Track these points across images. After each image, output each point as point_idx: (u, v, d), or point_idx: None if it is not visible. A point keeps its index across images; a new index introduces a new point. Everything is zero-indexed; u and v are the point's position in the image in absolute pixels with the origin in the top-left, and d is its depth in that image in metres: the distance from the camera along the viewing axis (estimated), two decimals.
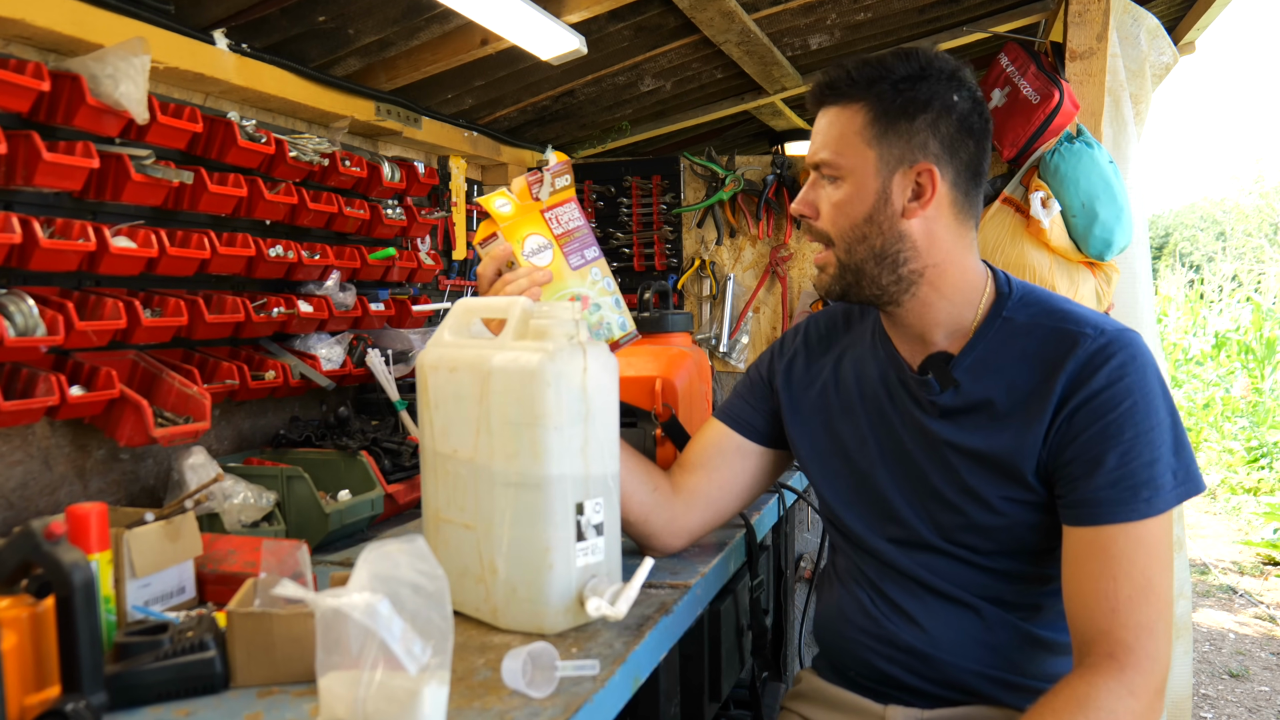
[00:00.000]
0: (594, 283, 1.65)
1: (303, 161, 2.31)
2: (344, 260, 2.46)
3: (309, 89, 2.41)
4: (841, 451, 1.64)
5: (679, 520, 1.73)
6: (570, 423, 1.37)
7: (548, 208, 1.65)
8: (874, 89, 1.47)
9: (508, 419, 1.37)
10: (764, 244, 3.79)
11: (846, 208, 1.49)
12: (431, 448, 1.49)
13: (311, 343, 2.37)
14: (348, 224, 2.51)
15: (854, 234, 1.50)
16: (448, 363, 1.46)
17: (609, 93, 3.43)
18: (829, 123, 1.51)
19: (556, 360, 1.36)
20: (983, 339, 1.51)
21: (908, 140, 1.47)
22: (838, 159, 1.49)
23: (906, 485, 1.55)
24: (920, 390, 1.55)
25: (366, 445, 2.18)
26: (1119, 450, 1.36)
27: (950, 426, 1.51)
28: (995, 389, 1.47)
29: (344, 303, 2.43)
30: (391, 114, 2.71)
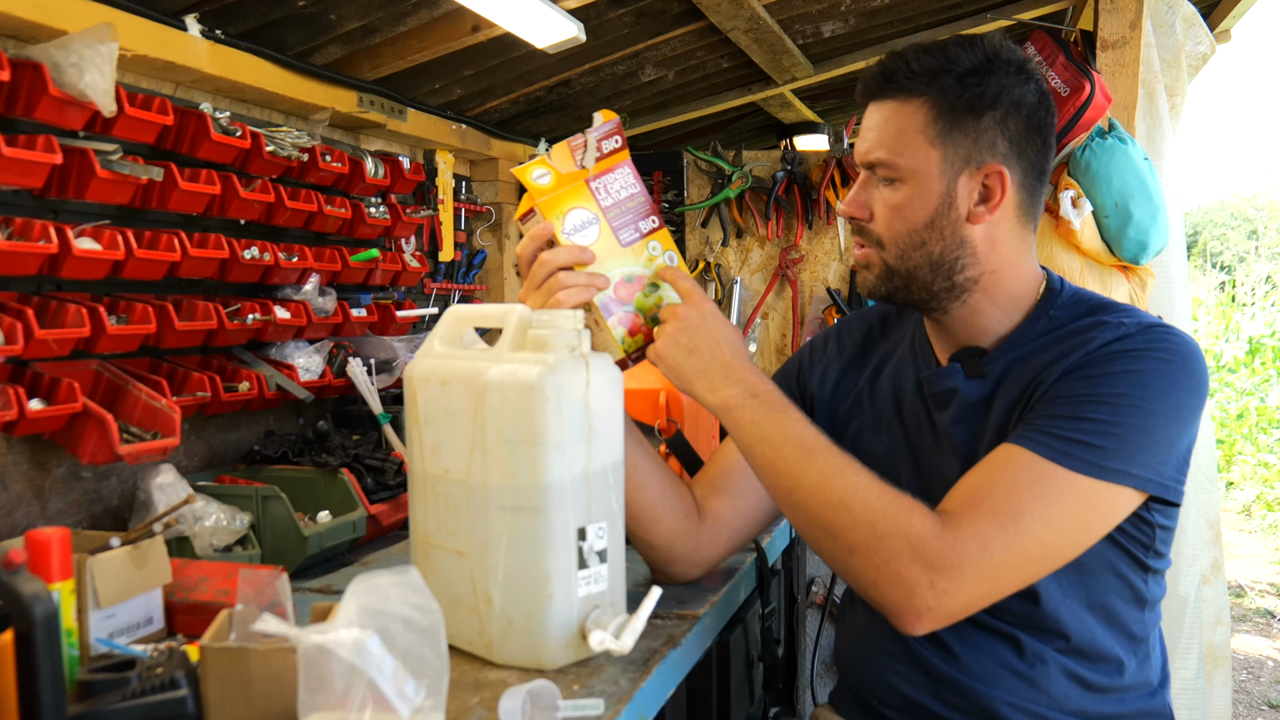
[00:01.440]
0: (651, 259, 1.58)
1: (280, 156, 2.30)
2: (323, 263, 2.45)
3: (287, 78, 2.40)
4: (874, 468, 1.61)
5: (703, 550, 1.72)
6: (572, 441, 1.36)
7: (594, 175, 1.57)
8: (937, 82, 1.45)
9: (504, 437, 1.35)
10: (773, 245, 3.79)
11: (905, 212, 1.48)
12: (421, 467, 1.47)
13: (288, 351, 2.36)
14: (328, 223, 2.51)
15: (911, 240, 1.49)
16: (439, 375, 1.44)
17: (607, 83, 3.43)
18: (885, 118, 1.49)
19: (557, 373, 1.35)
20: (1023, 337, 1.50)
21: (974, 139, 1.46)
22: (896, 159, 1.47)
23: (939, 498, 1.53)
24: (935, 381, 1.54)
25: (348, 462, 2.17)
26: (1085, 399, 1.36)
27: (962, 425, 1.51)
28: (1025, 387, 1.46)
29: (323, 308, 2.42)
30: (375, 105, 2.71)
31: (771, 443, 1.44)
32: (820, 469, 1.40)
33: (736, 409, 1.48)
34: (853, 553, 1.36)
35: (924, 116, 1.46)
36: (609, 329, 1.54)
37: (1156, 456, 1.36)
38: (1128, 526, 1.43)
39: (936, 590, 1.31)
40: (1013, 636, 1.48)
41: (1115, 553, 1.45)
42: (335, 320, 2.47)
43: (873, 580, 1.35)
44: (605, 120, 1.59)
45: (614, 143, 1.59)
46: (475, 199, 3.54)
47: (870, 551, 1.34)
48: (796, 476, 1.41)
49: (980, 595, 1.33)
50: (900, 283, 1.51)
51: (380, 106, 2.73)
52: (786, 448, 1.43)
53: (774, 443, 1.44)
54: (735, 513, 1.73)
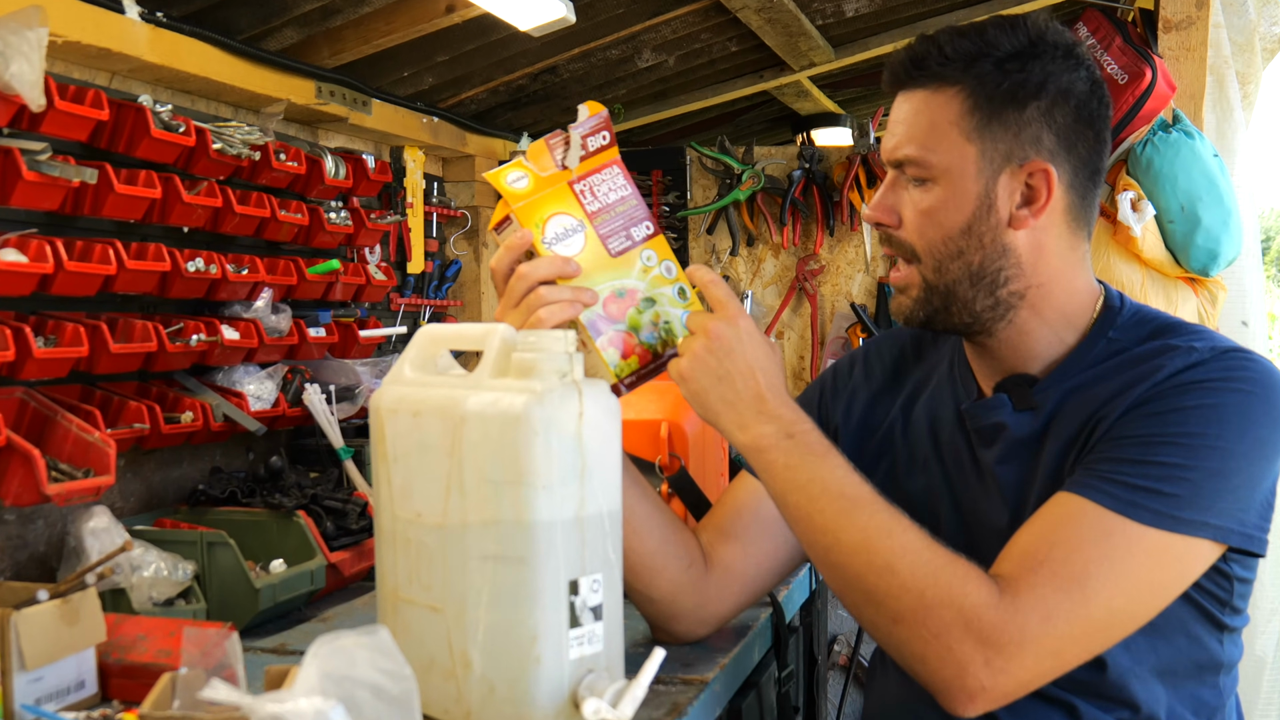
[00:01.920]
0: (646, 269, 1.57)
1: (229, 155, 2.31)
2: (277, 275, 2.46)
3: (236, 66, 2.42)
4: (908, 511, 1.61)
5: (710, 605, 1.71)
6: (563, 481, 1.36)
7: (579, 176, 1.56)
8: (974, 69, 1.46)
9: (485, 476, 1.36)
10: (789, 254, 3.80)
11: (939, 216, 1.48)
12: (389, 511, 1.47)
13: (237, 377, 2.37)
14: (282, 231, 2.52)
15: (947, 248, 1.49)
16: (410, 405, 1.44)
17: (599, 69, 3.45)
18: (915, 110, 1.49)
19: (546, 403, 1.35)
20: (1079, 362, 1.51)
21: (1016, 133, 1.46)
22: (928, 155, 1.47)
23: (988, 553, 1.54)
24: (979, 415, 1.55)
25: (305, 504, 2.17)
26: (1153, 440, 1.36)
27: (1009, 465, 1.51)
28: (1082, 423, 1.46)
29: (277, 327, 2.43)
30: (336, 96, 2.73)
31: (808, 492, 1.43)
32: (864, 526, 1.39)
33: (769, 450, 1.46)
34: (897, 622, 1.36)
35: (959, 107, 1.46)
36: (598, 350, 1.54)
37: (1237, 503, 1.36)
38: (1204, 582, 1.42)
39: (993, 669, 1.31)
40: (1070, 705, 1.47)
41: (1189, 611, 1.45)
42: (290, 341, 2.47)
43: (920, 654, 1.35)
44: (591, 114, 1.58)
45: (601, 139, 1.58)
46: (449, 202, 3.55)
47: (918, 622, 1.34)
48: (836, 533, 1.41)
49: (1042, 672, 1.34)
50: (940, 303, 1.51)
51: (342, 98, 2.75)
52: (825, 499, 1.42)
53: (811, 492, 1.43)
54: (748, 562, 1.72)
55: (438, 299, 3.44)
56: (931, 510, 1.59)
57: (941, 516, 1.59)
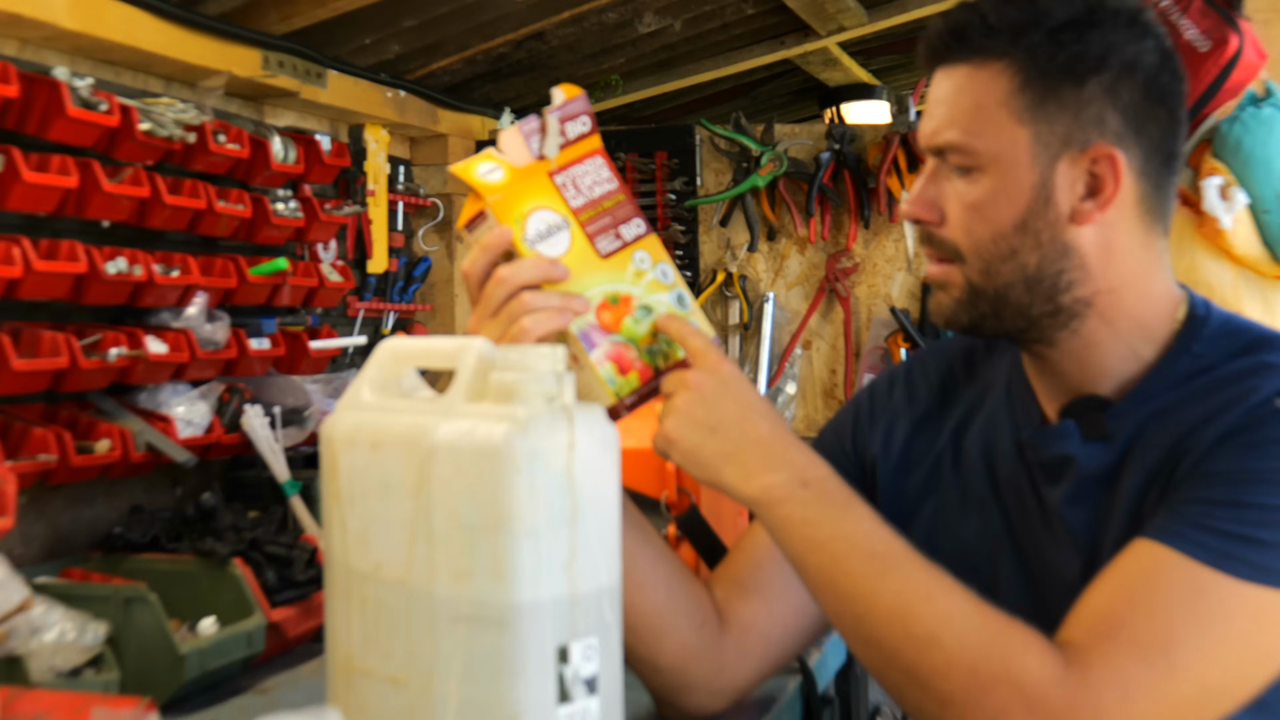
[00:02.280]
0: (639, 273, 1.57)
1: (158, 137, 2.34)
2: (213, 277, 2.50)
3: (168, 33, 2.44)
4: (960, 561, 1.58)
5: (727, 672, 1.69)
6: (550, 526, 1.33)
7: (559, 167, 1.57)
8: (1023, 39, 1.45)
9: (458, 521, 1.33)
10: (817, 250, 3.82)
11: (987, 210, 1.47)
12: (342, 562, 1.45)
13: (164, 398, 2.39)
14: (220, 225, 2.54)
15: (997, 248, 1.48)
16: (368, 435, 1.42)
17: (593, 35, 3.47)
18: (956, 88, 1.49)
19: (530, 433, 1.32)
20: (1159, 382, 1.49)
21: (1075, 113, 1.45)
22: (973, 140, 1.46)
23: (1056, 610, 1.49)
24: (1042, 445, 1.54)
25: (241, 549, 2.16)
26: (1251, 477, 1.35)
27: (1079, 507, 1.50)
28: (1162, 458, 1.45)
29: (212, 339, 2.45)
30: (285, 67, 2.75)
31: (831, 551, 1.41)
32: (900, 589, 1.37)
33: (782, 503, 1.44)
34: (946, 705, 1.34)
35: (1007, 84, 1.46)
36: (592, 366, 1.53)
37: None
38: None
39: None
40: None
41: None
42: (228, 355, 2.49)
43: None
44: (568, 96, 1.59)
45: (581, 125, 1.59)
46: (417, 189, 3.58)
47: (971, 704, 1.32)
48: (867, 599, 1.38)
49: None
50: (988, 307, 1.50)
51: (292, 69, 2.77)
52: (853, 558, 1.40)
53: (835, 551, 1.41)
54: (771, 621, 1.71)
55: (404, 303, 3.47)
56: (988, 559, 1.60)
57: (1000, 567, 1.59)
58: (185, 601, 2.04)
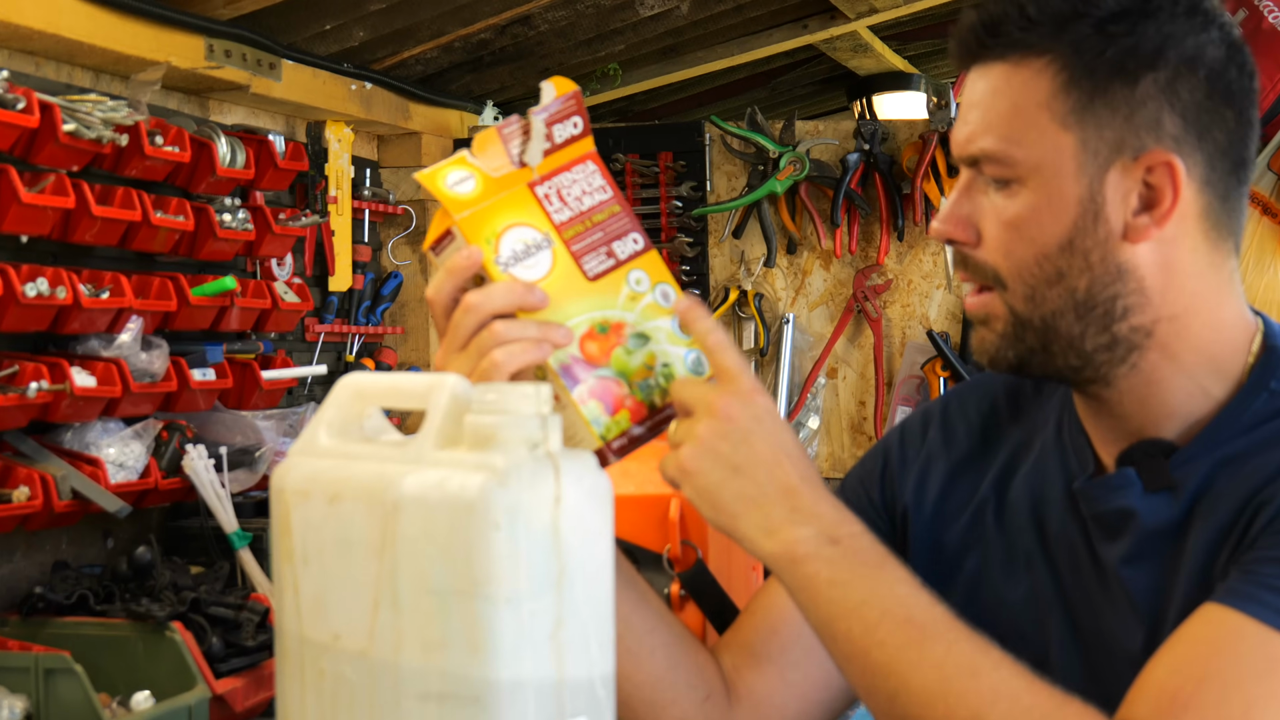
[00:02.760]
0: (634, 296, 1.55)
1: (85, 139, 2.33)
2: (150, 299, 2.49)
3: (97, 19, 2.43)
4: (1006, 628, 1.59)
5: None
6: (533, 591, 1.35)
7: (542, 176, 1.55)
8: (1068, 33, 1.44)
9: (427, 584, 1.35)
10: (843, 265, 3.83)
11: (1029, 228, 1.46)
12: (295, 631, 1.45)
13: (93, 438, 2.39)
14: (157, 239, 2.55)
15: (1042, 271, 1.47)
16: (325, 486, 1.44)
17: (588, 19, 3.48)
18: (991, 89, 1.48)
19: (510, 485, 1.33)
20: (1231, 424, 1.49)
21: (1128, 115, 1.45)
22: (1011, 149, 1.45)
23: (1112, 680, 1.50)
24: (1098, 497, 1.54)
25: (182, 611, 2.16)
26: None
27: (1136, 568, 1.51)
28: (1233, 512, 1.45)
29: (148, 369, 2.44)
30: (232, 57, 2.75)
31: (863, 618, 1.40)
32: (941, 662, 1.37)
33: (807, 561, 1.43)
34: None
35: (1049, 84, 1.45)
36: (575, 404, 1.52)
37: None
38: None
39: None
40: None
41: None
42: (166, 388, 2.50)
43: None
44: (559, 93, 1.56)
45: (572, 127, 1.58)
46: (386, 195, 3.59)
47: None
48: (903, 673, 1.38)
49: None
50: (1035, 341, 1.50)
51: (241, 59, 2.78)
52: (887, 626, 1.39)
53: (867, 619, 1.40)
54: (788, 694, 1.72)
55: (371, 325, 3.47)
56: (1037, 625, 1.60)
57: (1051, 634, 1.59)
58: (116, 672, 2.04)
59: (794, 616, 1.68)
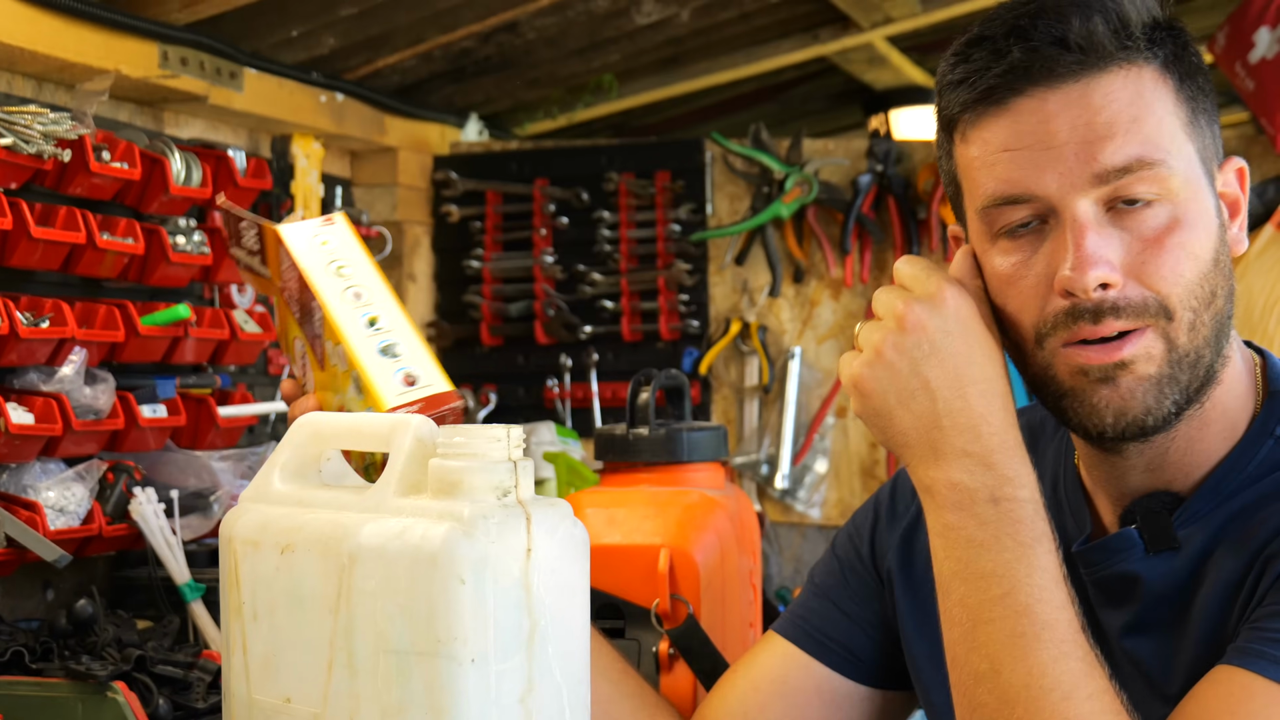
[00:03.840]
0: (341, 374, 1.64)
1: (24, 154, 2.33)
2: (95, 329, 2.49)
3: (38, 22, 2.45)
4: None
5: None
6: (502, 652, 1.36)
7: (284, 284, 1.69)
8: (1163, 41, 1.45)
9: (386, 644, 1.37)
10: (854, 295, 3.84)
11: (1192, 245, 1.44)
12: (243, 694, 1.48)
13: (31, 479, 2.39)
14: (104, 263, 2.55)
15: (1203, 291, 1.45)
16: (277, 536, 1.46)
17: (580, 26, 3.50)
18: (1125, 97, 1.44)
19: (477, 535, 1.35)
20: (1235, 473, 1.50)
21: (1210, 122, 1.49)
22: (1167, 157, 1.43)
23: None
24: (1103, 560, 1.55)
25: (126, 670, 2.15)
26: None
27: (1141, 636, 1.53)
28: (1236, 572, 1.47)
29: (93, 405, 2.46)
30: (189, 65, 2.77)
31: (985, 589, 1.41)
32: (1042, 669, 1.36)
33: (954, 509, 1.44)
34: None
35: (1170, 92, 1.45)
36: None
37: None
38: None
39: None
40: None
41: None
42: (113, 425, 2.50)
43: None
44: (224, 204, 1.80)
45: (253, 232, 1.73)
46: (360, 215, 3.58)
47: None
48: (999, 662, 1.39)
49: None
50: (1185, 379, 1.45)
51: (199, 67, 2.79)
52: (1003, 607, 1.39)
53: (989, 591, 1.41)
54: None
55: None
56: None
57: None
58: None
59: (783, 679, 1.75)
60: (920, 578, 1.72)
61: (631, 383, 2.49)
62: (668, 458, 2.33)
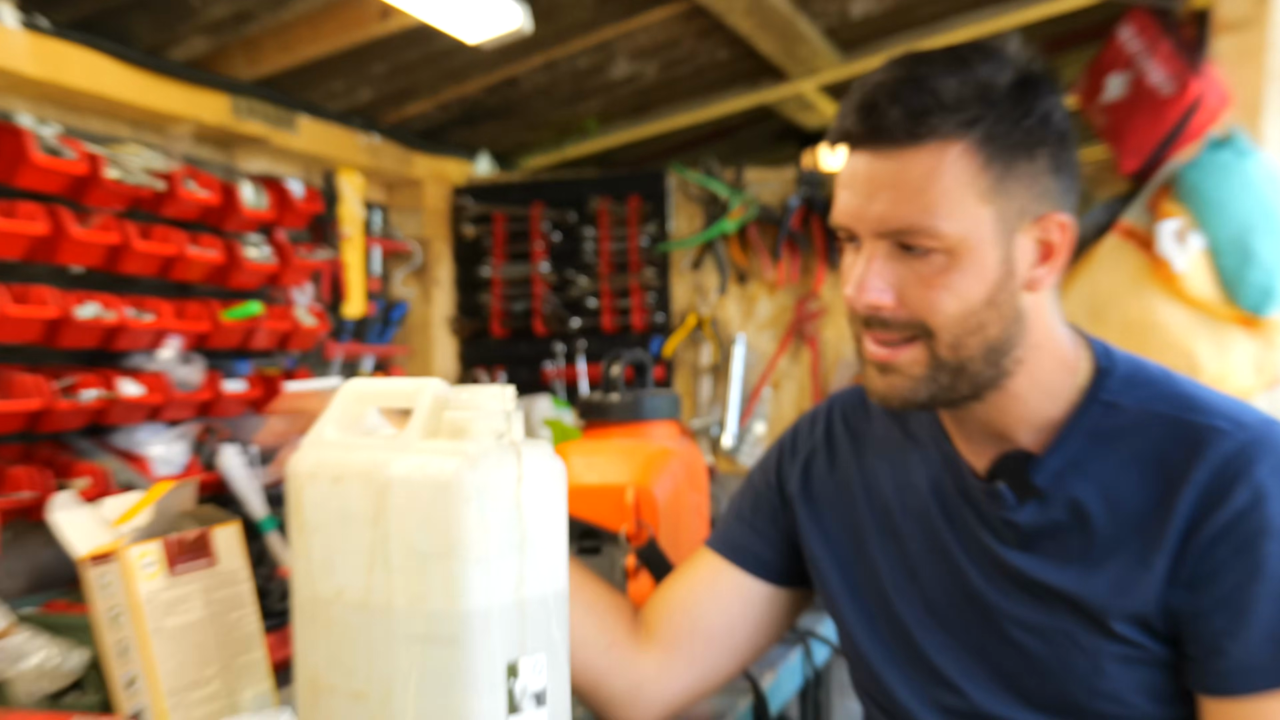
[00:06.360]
0: None
1: (127, 184, 2.36)
2: (187, 321, 2.51)
3: (136, 80, 2.47)
4: (876, 588, 1.69)
5: (648, 687, 1.76)
6: (499, 553, 1.43)
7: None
8: (983, 119, 1.44)
9: (413, 548, 1.42)
10: (786, 293, 3.86)
11: (958, 288, 1.47)
12: (308, 589, 1.53)
13: (140, 438, 2.41)
14: (192, 270, 2.56)
15: (967, 323, 1.48)
16: (330, 470, 1.51)
17: (567, 80, 3.52)
18: (917, 171, 1.45)
19: (480, 467, 1.42)
20: (1076, 433, 1.56)
21: (1029, 185, 1.47)
22: (940, 224, 1.45)
23: (968, 636, 1.61)
24: (990, 506, 1.59)
25: None
26: (1275, 592, 1.42)
27: (1033, 557, 1.56)
28: (1092, 503, 1.53)
29: (187, 380, 2.48)
30: (256, 113, 2.79)
31: None
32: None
33: None
34: None
35: (973, 164, 1.45)
36: None
37: None
38: None
39: None
40: None
41: None
42: (203, 396, 2.51)
43: None
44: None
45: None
46: (394, 234, 3.62)
47: None
48: None
49: None
50: (948, 380, 1.51)
51: (263, 115, 2.82)
52: None
53: None
54: (697, 639, 1.78)
55: (381, 344, 3.46)
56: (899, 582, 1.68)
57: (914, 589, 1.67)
58: None
59: (708, 581, 1.80)
60: (816, 500, 1.78)
61: (605, 360, 2.57)
62: (633, 417, 2.39)
